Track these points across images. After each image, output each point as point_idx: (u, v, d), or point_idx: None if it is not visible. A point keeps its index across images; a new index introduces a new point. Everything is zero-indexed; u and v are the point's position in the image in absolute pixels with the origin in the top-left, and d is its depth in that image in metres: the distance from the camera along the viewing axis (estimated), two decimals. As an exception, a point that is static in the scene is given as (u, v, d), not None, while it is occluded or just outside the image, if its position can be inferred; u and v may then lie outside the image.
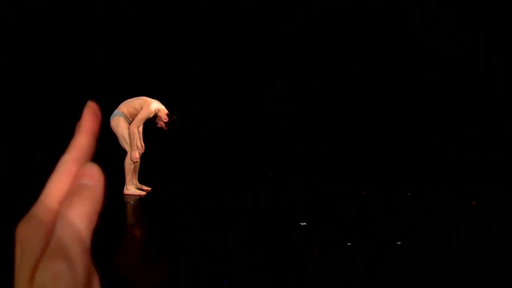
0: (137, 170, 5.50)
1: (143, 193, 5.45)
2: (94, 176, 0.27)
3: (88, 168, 0.28)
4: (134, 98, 5.43)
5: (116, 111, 5.36)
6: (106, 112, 5.18)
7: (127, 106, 5.37)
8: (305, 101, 8.25)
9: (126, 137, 5.30)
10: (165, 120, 5.33)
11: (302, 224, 3.82)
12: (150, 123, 5.45)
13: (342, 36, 8.12)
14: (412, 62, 7.95)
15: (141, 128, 5.44)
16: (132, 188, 5.40)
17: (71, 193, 0.27)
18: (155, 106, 5.33)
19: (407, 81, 8.00)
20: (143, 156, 5.49)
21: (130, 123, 5.32)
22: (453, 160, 7.35)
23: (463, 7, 7.60)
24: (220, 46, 8.13)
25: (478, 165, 7.10)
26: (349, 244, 3.20)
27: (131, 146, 5.29)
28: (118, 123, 5.28)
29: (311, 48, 8.20)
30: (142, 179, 5.62)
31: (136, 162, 5.37)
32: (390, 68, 8.07)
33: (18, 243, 0.26)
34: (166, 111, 5.38)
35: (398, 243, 3.21)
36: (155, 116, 5.34)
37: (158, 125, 5.39)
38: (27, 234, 0.26)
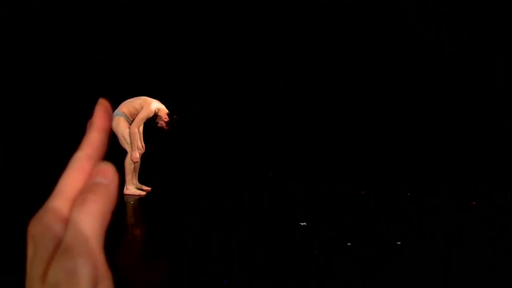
0: (137, 170, 5.50)
1: (143, 193, 5.45)
2: (109, 174, 0.27)
3: (103, 166, 0.28)
4: (134, 98, 5.44)
5: (116, 111, 5.36)
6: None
7: (128, 106, 5.37)
8: (305, 101, 8.26)
9: (127, 137, 5.30)
10: (165, 120, 5.33)
11: (302, 224, 3.82)
12: (151, 123, 5.45)
13: (342, 36, 8.12)
14: (412, 62, 7.95)
15: (141, 128, 5.44)
16: (132, 188, 5.41)
17: (85, 191, 0.27)
18: (155, 105, 5.33)
19: (407, 81, 8.00)
20: (143, 156, 5.49)
21: (130, 123, 5.32)
22: (453, 160, 7.34)
23: (463, 7, 7.60)
24: (220, 46, 8.13)
25: (478, 165, 7.10)
26: (349, 244, 3.19)
27: (131, 146, 5.29)
28: (119, 123, 5.29)
29: (311, 48, 8.20)
30: (142, 179, 5.62)
31: (137, 162, 5.38)
32: (390, 68, 8.08)
33: (30, 240, 0.26)
34: (167, 111, 5.39)
35: (398, 243, 3.21)
36: (156, 116, 5.35)
37: (159, 125, 5.39)
38: (39, 231, 0.26)
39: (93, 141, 0.29)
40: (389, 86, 8.08)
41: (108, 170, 0.28)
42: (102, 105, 0.30)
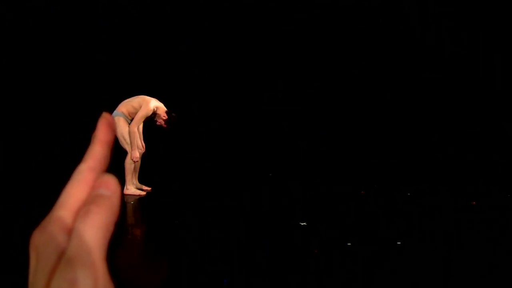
0: (137, 170, 5.50)
1: (143, 193, 5.45)
2: (111, 186, 0.28)
3: (105, 178, 0.28)
4: (133, 97, 5.44)
5: (115, 112, 5.37)
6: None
7: (126, 105, 5.37)
8: (305, 101, 8.26)
9: (126, 137, 5.30)
10: (164, 118, 5.33)
11: (302, 224, 3.82)
12: (150, 123, 5.45)
13: (342, 36, 8.12)
14: (412, 62, 7.95)
15: (141, 128, 5.44)
16: (132, 188, 5.41)
17: (87, 202, 0.27)
18: (154, 104, 5.34)
19: (407, 81, 8.00)
20: (143, 156, 5.49)
21: (130, 123, 5.32)
22: (453, 160, 7.34)
23: (463, 7, 7.60)
24: (220, 46, 8.13)
25: (478, 165, 7.10)
26: (349, 244, 3.19)
27: (131, 145, 5.29)
28: (118, 124, 5.29)
29: (311, 48, 8.20)
30: (142, 179, 5.62)
31: (137, 161, 5.38)
32: (390, 68, 8.08)
33: (33, 251, 0.27)
34: (165, 109, 5.39)
35: (398, 243, 3.21)
36: (154, 114, 5.35)
37: (158, 123, 5.39)
38: (42, 242, 0.26)
39: (95, 154, 0.29)
40: (389, 86, 8.08)
41: (111, 182, 0.28)
42: (105, 119, 0.30)
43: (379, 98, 8.11)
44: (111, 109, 5.37)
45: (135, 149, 5.29)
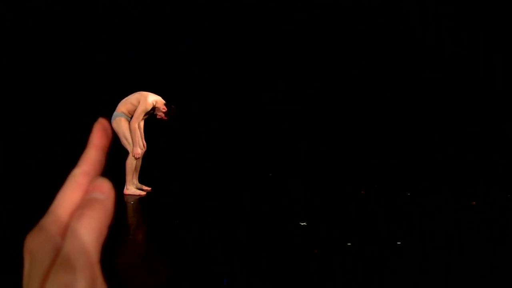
0: (138, 170, 5.50)
1: (143, 193, 5.45)
2: (105, 190, 0.28)
3: (99, 182, 0.28)
4: (130, 95, 5.44)
5: (115, 113, 5.36)
6: (106, 112, 5.18)
7: (125, 104, 5.37)
8: (305, 101, 8.26)
9: (128, 136, 5.30)
10: (163, 111, 5.33)
11: (302, 224, 3.82)
12: (150, 118, 5.45)
13: (342, 36, 8.12)
14: (412, 62, 7.95)
15: (142, 126, 5.44)
16: (132, 188, 5.40)
17: (81, 206, 0.27)
18: (152, 98, 5.34)
19: (407, 81, 8.00)
20: (143, 156, 5.49)
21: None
22: (453, 160, 7.34)
23: (463, 7, 7.60)
24: (220, 46, 8.12)
25: (478, 165, 7.10)
26: (349, 244, 3.19)
27: (132, 142, 5.28)
28: (119, 124, 5.29)
29: (311, 48, 8.20)
30: (142, 179, 5.62)
31: (138, 158, 5.37)
32: (390, 68, 8.07)
33: (27, 254, 0.27)
34: (164, 101, 5.39)
35: (398, 243, 3.21)
36: (154, 109, 5.36)
37: (158, 116, 5.40)
38: (36, 246, 0.26)
39: (90, 158, 0.30)
40: (389, 86, 8.08)
41: (105, 186, 0.28)
42: (100, 124, 0.30)
43: (379, 98, 8.11)
44: (111, 109, 5.37)
45: (137, 146, 5.29)
